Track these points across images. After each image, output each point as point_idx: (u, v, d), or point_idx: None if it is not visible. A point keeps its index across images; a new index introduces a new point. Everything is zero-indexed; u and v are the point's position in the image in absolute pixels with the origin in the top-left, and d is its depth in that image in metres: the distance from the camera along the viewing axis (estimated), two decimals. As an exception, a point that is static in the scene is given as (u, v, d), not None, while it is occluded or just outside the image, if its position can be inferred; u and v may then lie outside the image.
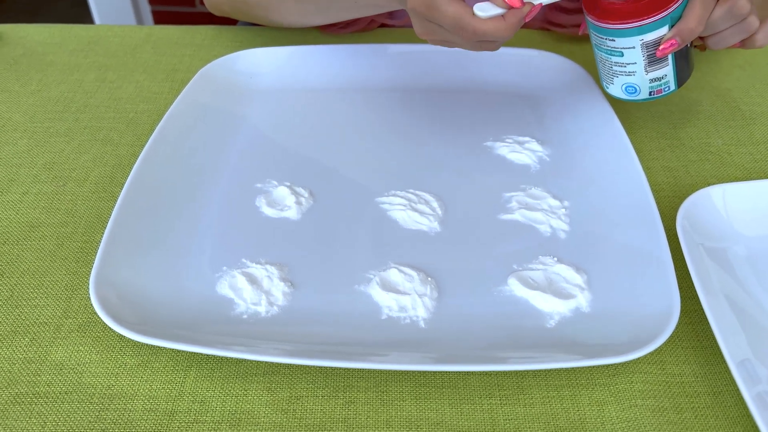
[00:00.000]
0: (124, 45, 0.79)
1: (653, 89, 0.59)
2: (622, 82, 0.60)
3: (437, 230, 0.56)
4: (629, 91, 0.60)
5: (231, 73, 0.70)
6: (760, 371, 0.44)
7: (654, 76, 0.58)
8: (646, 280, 0.50)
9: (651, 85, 0.59)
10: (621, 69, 0.59)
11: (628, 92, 0.60)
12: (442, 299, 0.50)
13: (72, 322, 0.49)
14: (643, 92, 0.60)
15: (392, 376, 0.46)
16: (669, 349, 0.48)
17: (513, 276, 0.52)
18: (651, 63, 0.57)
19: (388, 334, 0.48)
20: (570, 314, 0.49)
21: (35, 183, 0.60)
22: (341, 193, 0.59)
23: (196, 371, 0.46)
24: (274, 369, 0.47)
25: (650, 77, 0.58)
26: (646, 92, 0.60)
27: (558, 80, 0.71)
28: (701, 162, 0.64)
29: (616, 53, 0.58)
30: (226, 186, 0.59)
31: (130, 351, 0.47)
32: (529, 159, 0.62)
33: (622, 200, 0.57)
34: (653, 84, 0.59)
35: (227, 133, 0.65)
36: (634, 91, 0.60)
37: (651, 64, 0.57)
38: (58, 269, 0.53)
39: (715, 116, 0.69)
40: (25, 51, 0.76)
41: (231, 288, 0.50)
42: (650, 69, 0.58)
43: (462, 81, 0.72)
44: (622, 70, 0.59)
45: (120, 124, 0.67)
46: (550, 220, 0.56)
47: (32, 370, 0.46)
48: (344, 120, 0.68)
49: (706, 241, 0.53)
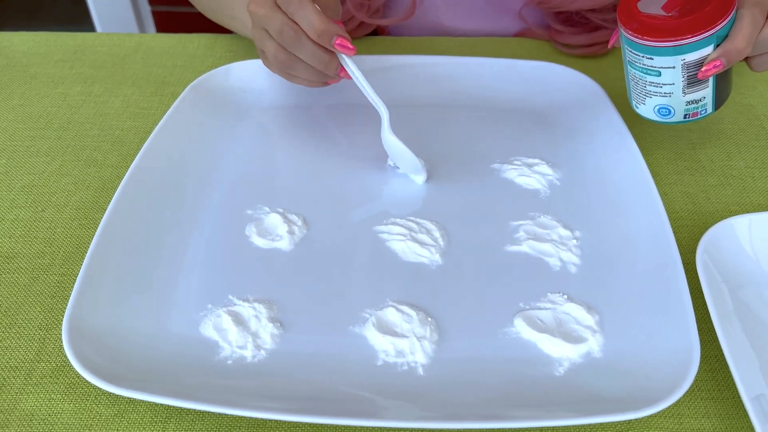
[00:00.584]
0: (112, 55, 0.75)
1: (689, 112, 0.55)
2: (656, 104, 0.55)
3: (439, 263, 0.52)
4: (662, 112, 0.55)
5: (222, 88, 0.67)
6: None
7: (692, 98, 0.53)
8: (662, 323, 0.46)
9: (687, 108, 0.54)
10: (656, 89, 0.54)
11: (660, 114, 0.56)
12: (443, 342, 0.47)
13: (45, 366, 0.46)
14: (677, 115, 0.55)
15: (388, 430, 0.43)
16: (687, 400, 0.45)
17: (519, 316, 0.48)
18: (690, 84, 0.52)
19: (383, 383, 0.44)
20: (580, 360, 0.46)
21: (12, 208, 0.57)
22: (337, 221, 0.55)
23: (176, 423, 0.43)
24: (260, 421, 0.43)
25: (687, 99, 0.54)
26: (681, 115, 0.55)
27: (570, 96, 0.67)
28: (722, 186, 0.60)
29: (653, 72, 0.53)
30: (215, 213, 0.56)
31: (105, 400, 0.44)
32: (539, 183, 0.59)
33: (637, 232, 0.53)
34: (689, 107, 0.54)
35: (217, 155, 0.61)
36: (667, 113, 0.55)
37: (690, 86, 0.52)
38: (32, 306, 0.49)
39: (737, 135, 0.65)
40: (7, 62, 0.73)
41: (215, 329, 0.47)
42: (688, 91, 0.53)
43: (466, 96, 0.68)
44: (657, 90, 0.54)
45: (105, 143, 0.63)
46: (560, 253, 0.53)
47: (0, 420, 0.43)
48: (341, 139, 0.64)
49: (729, 280, 0.49)
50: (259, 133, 0.64)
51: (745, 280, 0.49)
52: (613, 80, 0.70)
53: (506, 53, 0.75)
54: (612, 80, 0.70)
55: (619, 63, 0.73)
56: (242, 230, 0.54)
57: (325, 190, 0.58)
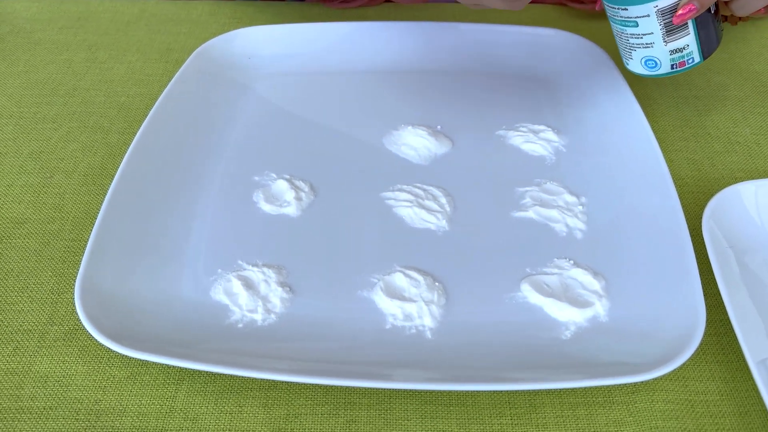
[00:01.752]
0: (116, 21, 0.74)
1: (675, 61, 0.54)
2: (641, 56, 0.55)
3: (445, 229, 0.52)
4: (649, 65, 0.55)
5: (228, 54, 0.66)
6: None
7: (674, 46, 0.53)
8: (668, 288, 0.47)
9: (672, 57, 0.54)
10: (638, 41, 0.54)
11: (648, 66, 0.55)
12: (450, 306, 0.47)
13: (58, 329, 0.46)
14: (664, 65, 0.55)
15: (396, 393, 0.44)
16: (692, 364, 0.45)
17: (526, 281, 0.49)
18: (669, 32, 0.52)
19: (392, 346, 0.45)
20: (587, 324, 0.46)
21: (21, 174, 0.57)
22: (344, 187, 0.56)
23: (188, 385, 0.44)
24: (271, 384, 0.44)
25: (670, 48, 0.53)
26: (668, 65, 0.55)
27: (576, 62, 0.66)
28: (728, 153, 0.60)
29: (630, 23, 0.53)
30: (223, 179, 0.56)
31: (118, 362, 0.45)
32: (545, 150, 0.59)
33: (643, 197, 0.53)
34: (675, 56, 0.54)
35: (223, 121, 0.61)
36: (654, 65, 0.55)
37: (669, 33, 0.52)
38: (43, 270, 0.50)
39: (743, 102, 0.65)
40: (11, 28, 0.72)
41: (226, 293, 0.47)
42: (669, 39, 0.53)
43: (472, 62, 0.68)
44: (638, 42, 0.54)
45: (111, 110, 0.63)
46: (567, 219, 0.53)
47: (15, 382, 0.44)
48: (347, 105, 0.64)
49: (735, 245, 0.49)
50: (265, 100, 0.64)
51: (751, 246, 0.50)
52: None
53: (512, 19, 0.74)
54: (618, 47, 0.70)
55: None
56: (250, 196, 0.55)
57: (332, 157, 0.58)
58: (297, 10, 0.76)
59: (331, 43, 0.68)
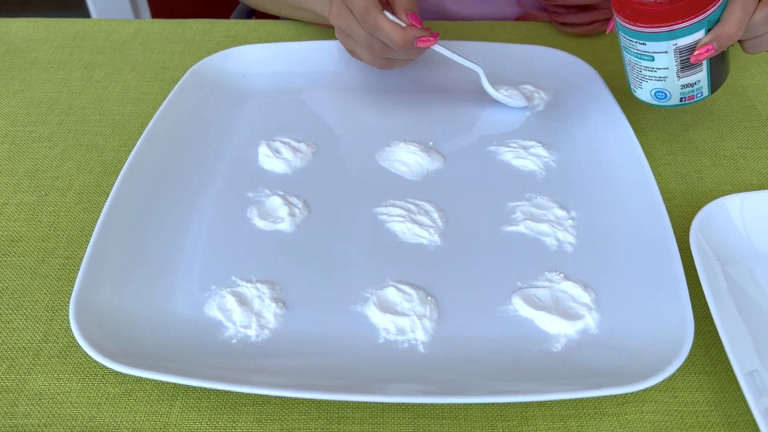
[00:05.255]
0: (111, 41, 0.75)
1: (684, 95, 0.56)
2: (652, 87, 0.56)
3: (438, 243, 0.53)
4: (659, 96, 0.56)
5: (222, 72, 0.67)
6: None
7: (686, 81, 0.54)
8: (657, 299, 0.47)
9: (683, 91, 0.55)
10: (651, 74, 0.55)
11: (657, 98, 0.57)
12: (443, 320, 0.48)
13: (52, 346, 0.47)
14: (673, 98, 0.56)
15: (389, 407, 0.44)
16: (681, 375, 0.46)
17: (517, 294, 0.49)
18: (684, 68, 0.53)
19: (385, 360, 0.45)
20: (577, 336, 0.47)
21: (16, 193, 0.57)
22: (337, 203, 0.56)
23: (182, 401, 0.44)
24: (265, 399, 0.44)
25: (682, 83, 0.54)
26: (677, 98, 0.56)
27: (566, 79, 0.67)
28: (715, 167, 0.61)
29: (647, 57, 0.54)
30: (217, 196, 0.57)
31: (112, 379, 0.45)
32: (535, 165, 0.59)
33: (632, 211, 0.54)
34: (685, 90, 0.55)
35: (217, 138, 0.62)
36: (664, 97, 0.56)
37: (684, 70, 0.53)
38: (38, 288, 0.50)
39: (729, 116, 0.66)
40: (8, 48, 0.73)
41: (220, 309, 0.48)
42: (683, 75, 0.54)
43: (464, 79, 0.69)
44: (652, 75, 0.55)
45: (106, 128, 0.64)
46: (557, 233, 0.54)
47: (9, 400, 0.44)
48: (340, 123, 0.65)
49: (721, 257, 0.50)
50: (259, 117, 0.65)
51: (736, 258, 0.50)
52: (608, 63, 0.71)
53: (504, 37, 0.76)
54: (607, 63, 0.71)
55: (615, 45, 0.74)
56: (244, 213, 0.55)
57: (326, 173, 0.59)
58: (290, 28, 0.77)
59: (324, 62, 0.69)
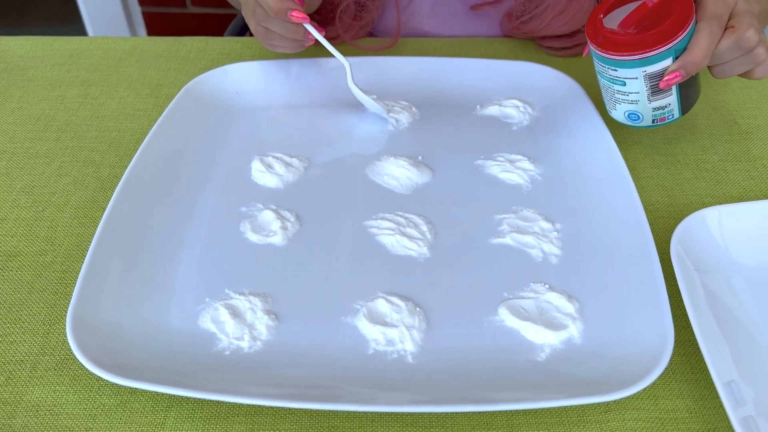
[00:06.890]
0: (108, 58, 0.77)
1: (656, 117, 0.58)
2: (625, 109, 0.58)
3: (426, 256, 0.54)
4: (632, 118, 0.59)
5: (216, 89, 0.69)
6: (755, 404, 0.43)
7: (657, 105, 0.57)
8: (639, 310, 0.49)
9: (654, 114, 0.57)
10: (624, 97, 0.57)
11: (630, 119, 0.59)
12: (431, 331, 0.49)
13: (49, 359, 0.48)
14: (646, 120, 0.58)
15: (379, 417, 0.45)
16: (662, 383, 0.47)
17: (503, 305, 0.51)
18: (654, 93, 0.56)
19: (375, 370, 0.47)
20: (561, 346, 0.48)
21: (14, 208, 0.59)
22: (328, 216, 0.58)
23: (176, 412, 0.45)
24: (257, 410, 0.45)
25: (653, 106, 0.57)
26: (650, 120, 0.58)
27: (551, 94, 0.69)
28: (696, 180, 0.62)
29: (618, 82, 0.56)
30: (211, 210, 0.58)
31: (108, 390, 0.46)
32: (521, 179, 0.61)
33: (615, 224, 0.55)
34: (656, 112, 0.57)
35: (211, 154, 0.63)
36: (636, 118, 0.59)
37: (654, 94, 0.56)
38: (35, 302, 0.51)
39: (710, 130, 0.68)
40: (5, 66, 0.75)
41: (213, 321, 0.49)
42: (653, 98, 0.56)
43: (451, 95, 0.70)
44: (624, 98, 0.57)
45: (102, 144, 0.65)
46: (542, 245, 0.55)
47: (7, 412, 0.45)
48: (331, 138, 0.66)
49: (701, 267, 0.51)
50: (252, 133, 0.66)
51: (715, 268, 0.52)
52: (593, 78, 0.72)
53: (490, 53, 0.77)
54: (591, 78, 0.72)
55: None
56: (237, 227, 0.56)
57: (317, 187, 0.60)
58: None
59: (317, 78, 0.71)
